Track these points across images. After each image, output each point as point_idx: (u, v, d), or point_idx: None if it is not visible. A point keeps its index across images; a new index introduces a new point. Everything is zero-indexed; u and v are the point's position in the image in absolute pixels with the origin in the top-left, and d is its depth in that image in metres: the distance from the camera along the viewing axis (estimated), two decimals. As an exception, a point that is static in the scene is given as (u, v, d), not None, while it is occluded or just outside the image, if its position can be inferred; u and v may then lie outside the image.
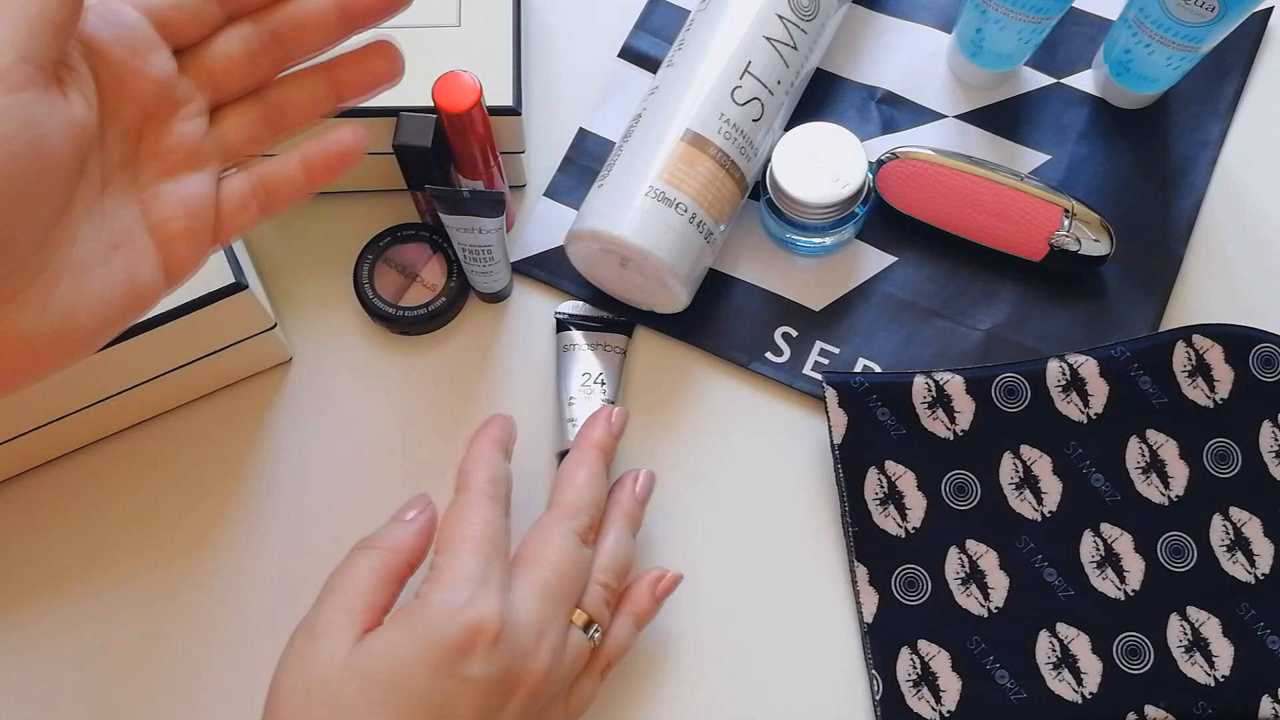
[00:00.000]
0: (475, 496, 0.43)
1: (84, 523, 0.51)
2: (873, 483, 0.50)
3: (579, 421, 0.51)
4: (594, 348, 0.52)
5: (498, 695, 0.39)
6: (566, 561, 0.43)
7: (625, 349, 0.53)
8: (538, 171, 0.57)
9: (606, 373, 0.52)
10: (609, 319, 0.53)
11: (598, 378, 0.51)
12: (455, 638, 0.38)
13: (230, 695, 0.49)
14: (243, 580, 0.50)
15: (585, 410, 0.51)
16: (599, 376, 0.52)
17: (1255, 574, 0.48)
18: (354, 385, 0.53)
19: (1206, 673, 0.47)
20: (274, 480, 0.52)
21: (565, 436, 0.51)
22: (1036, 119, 0.57)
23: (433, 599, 0.39)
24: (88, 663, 0.49)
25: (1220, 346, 0.50)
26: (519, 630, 0.40)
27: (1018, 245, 0.53)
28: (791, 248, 0.54)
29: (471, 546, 0.41)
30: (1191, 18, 0.49)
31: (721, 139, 0.50)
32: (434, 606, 0.39)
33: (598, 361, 0.52)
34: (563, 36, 0.59)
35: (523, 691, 0.40)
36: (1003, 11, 0.51)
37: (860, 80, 0.58)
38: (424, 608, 0.39)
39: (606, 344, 0.52)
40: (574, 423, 0.51)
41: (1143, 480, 0.50)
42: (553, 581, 0.42)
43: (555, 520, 0.44)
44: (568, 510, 0.45)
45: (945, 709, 0.47)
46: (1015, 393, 0.50)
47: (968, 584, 0.49)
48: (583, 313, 0.54)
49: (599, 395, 0.51)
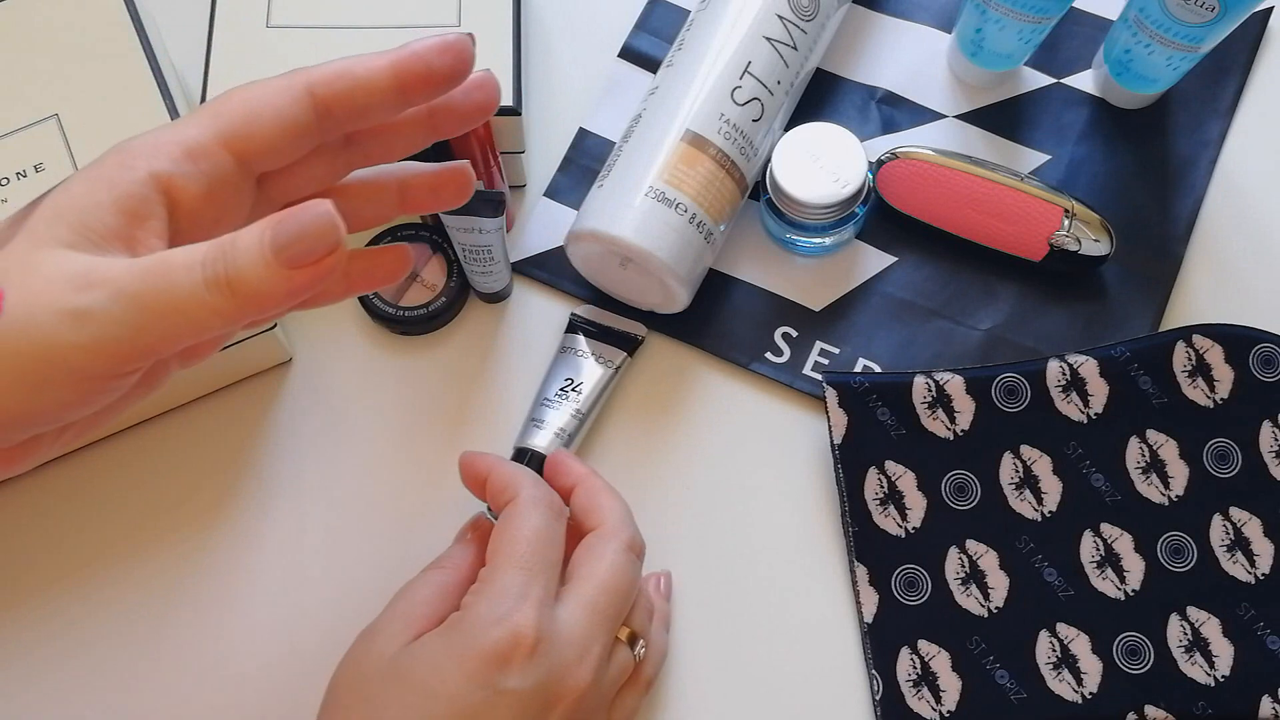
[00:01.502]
0: (526, 505, 0.43)
1: (84, 522, 0.51)
2: (873, 483, 0.50)
3: (545, 424, 0.50)
4: (589, 356, 0.52)
5: (535, 709, 0.39)
6: (617, 578, 0.42)
7: (621, 365, 0.52)
8: (538, 171, 0.57)
9: (588, 383, 0.51)
10: (618, 332, 0.53)
11: (576, 385, 0.51)
12: (491, 648, 0.39)
13: (230, 695, 0.49)
14: (242, 580, 0.50)
15: (555, 415, 0.50)
16: (578, 385, 0.51)
17: (1255, 574, 0.48)
18: (354, 385, 0.53)
19: (1206, 673, 0.47)
20: (274, 480, 0.52)
21: (529, 436, 0.50)
22: (1036, 119, 0.57)
23: (474, 610, 0.40)
24: (87, 662, 0.49)
25: (1220, 346, 0.50)
26: (560, 644, 0.40)
27: (1018, 245, 0.53)
28: (791, 248, 0.54)
29: (516, 560, 0.41)
30: (1191, 18, 0.49)
31: (721, 139, 0.50)
32: (474, 617, 0.40)
33: (585, 370, 0.51)
34: (563, 36, 0.59)
35: (562, 707, 0.40)
36: (1003, 11, 0.52)
37: (860, 80, 0.58)
38: (464, 618, 0.40)
39: (603, 356, 0.52)
40: (538, 423, 0.50)
41: (1143, 480, 0.50)
42: (602, 600, 0.42)
43: (603, 538, 0.44)
44: (613, 528, 0.44)
45: (945, 709, 0.47)
46: (1015, 393, 0.50)
47: (968, 584, 0.49)
48: (594, 320, 0.53)
49: (570, 405, 0.51)
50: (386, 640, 0.41)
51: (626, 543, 0.44)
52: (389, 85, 0.33)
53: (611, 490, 0.46)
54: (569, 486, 0.46)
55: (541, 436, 0.50)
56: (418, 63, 0.33)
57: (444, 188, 0.38)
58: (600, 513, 0.45)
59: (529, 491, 0.43)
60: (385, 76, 0.33)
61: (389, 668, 0.40)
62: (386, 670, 0.40)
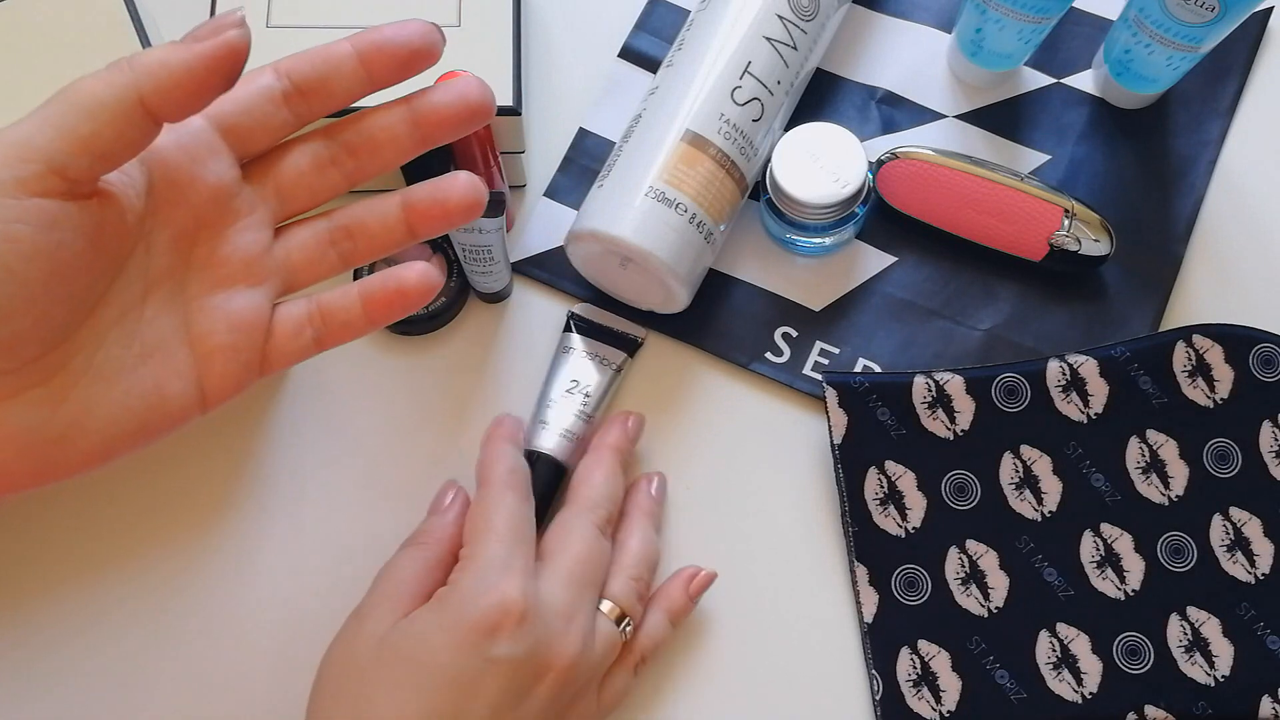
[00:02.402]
0: (497, 488, 0.45)
1: (83, 522, 0.51)
2: (873, 483, 0.50)
3: (550, 425, 0.50)
4: (590, 357, 0.52)
5: (525, 678, 0.40)
6: (588, 550, 0.44)
7: (622, 366, 0.52)
8: (538, 171, 0.57)
9: (593, 385, 0.51)
10: (617, 332, 0.53)
11: (582, 388, 0.51)
12: (481, 618, 0.40)
13: (230, 694, 0.49)
14: (242, 580, 0.50)
15: (559, 416, 0.50)
16: (584, 387, 0.51)
17: (1255, 574, 0.48)
18: (354, 385, 0.53)
19: (1206, 673, 0.47)
20: (274, 480, 0.52)
21: (535, 437, 0.50)
22: (1036, 119, 0.57)
23: (461, 584, 0.41)
24: (86, 662, 0.49)
25: (1220, 346, 0.50)
26: (546, 614, 0.41)
27: (1018, 245, 0.53)
28: (791, 248, 0.54)
29: (496, 535, 0.43)
30: (1191, 18, 0.49)
31: (721, 139, 0.50)
32: (461, 590, 0.41)
33: (588, 371, 0.51)
34: (563, 36, 0.59)
35: (552, 676, 0.41)
36: (1003, 11, 0.52)
37: (860, 80, 0.58)
38: (452, 592, 0.41)
39: (603, 356, 0.52)
40: (545, 425, 0.50)
41: (1143, 480, 0.50)
42: (576, 569, 0.43)
43: (574, 514, 0.46)
44: (586, 504, 0.46)
45: (945, 709, 0.47)
46: (1015, 393, 0.50)
47: (968, 584, 0.49)
48: (593, 319, 0.53)
49: (577, 406, 0.51)
50: (376, 621, 0.41)
51: (596, 520, 0.46)
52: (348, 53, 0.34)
53: (609, 466, 0.48)
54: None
55: (548, 437, 0.50)
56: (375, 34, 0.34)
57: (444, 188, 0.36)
58: (579, 488, 0.47)
59: (501, 476, 0.45)
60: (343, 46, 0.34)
61: (379, 646, 0.40)
62: (376, 649, 0.40)
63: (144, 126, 0.30)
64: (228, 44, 0.30)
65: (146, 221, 0.33)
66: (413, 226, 0.36)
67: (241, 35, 0.31)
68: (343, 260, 0.37)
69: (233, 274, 0.34)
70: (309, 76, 0.34)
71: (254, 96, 0.34)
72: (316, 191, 0.36)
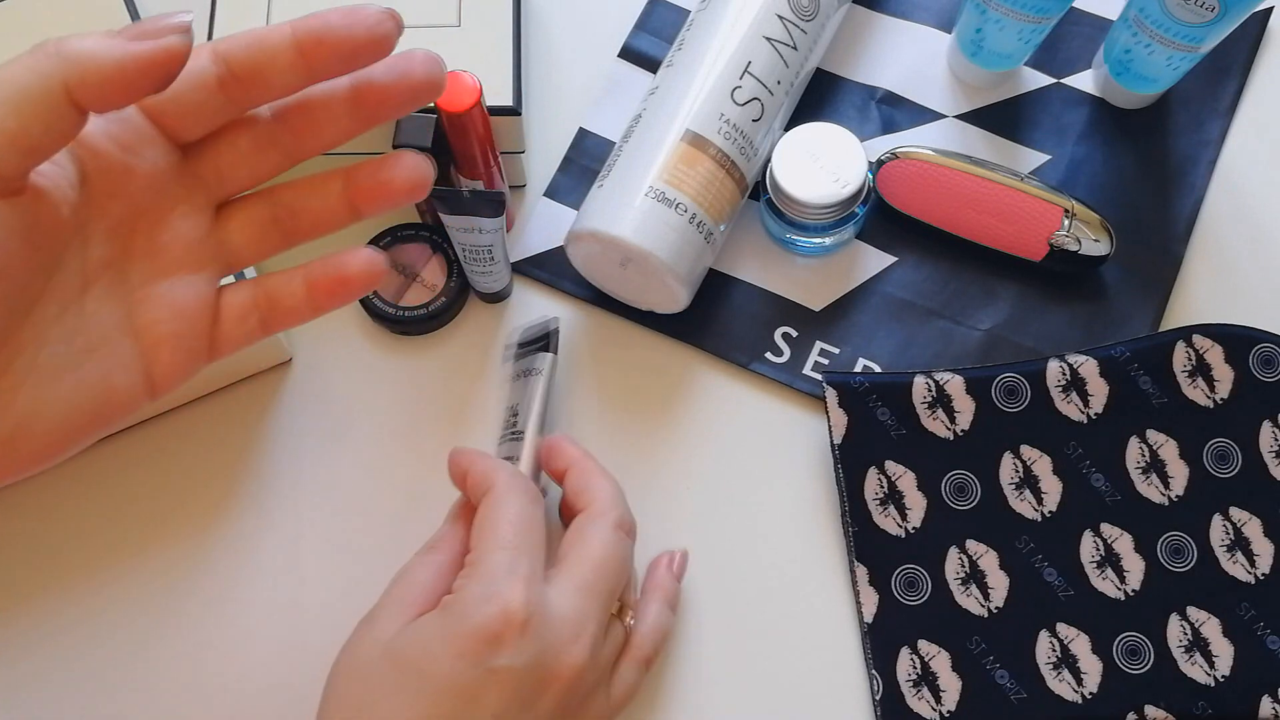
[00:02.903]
0: (502, 493, 0.43)
1: (83, 522, 0.51)
2: (873, 483, 0.50)
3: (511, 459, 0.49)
4: (516, 379, 0.51)
5: (529, 688, 0.39)
6: (605, 554, 0.43)
7: (548, 369, 0.50)
8: (538, 171, 0.57)
9: (522, 404, 0.49)
10: (530, 341, 0.51)
11: (512, 412, 0.50)
12: (482, 626, 0.39)
13: (229, 694, 0.49)
14: (242, 580, 0.50)
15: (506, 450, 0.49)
16: (513, 409, 0.50)
17: (1255, 574, 0.48)
18: (354, 385, 0.53)
19: (1206, 673, 0.47)
20: (273, 480, 0.52)
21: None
22: (1036, 119, 0.57)
23: (464, 591, 0.40)
24: (85, 662, 0.49)
25: (1220, 346, 0.50)
26: (553, 623, 0.40)
27: (1018, 245, 0.53)
28: (791, 248, 0.54)
29: (501, 542, 0.42)
30: (1191, 18, 0.49)
31: (721, 139, 0.50)
32: (464, 597, 0.40)
33: (515, 394, 0.50)
34: (563, 36, 0.59)
35: (558, 686, 0.40)
36: (1003, 11, 0.52)
37: (860, 80, 0.58)
38: (455, 600, 0.40)
39: (527, 370, 0.50)
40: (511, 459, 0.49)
41: (1143, 480, 0.50)
42: (593, 579, 0.42)
43: (590, 518, 0.45)
44: (601, 508, 0.45)
45: (945, 709, 0.47)
46: (1015, 393, 0.50)
47: (968, 584, 0.49)
48: (517, 339, 0.52)
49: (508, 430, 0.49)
50: (384, 625, 0.41)
51: (615, 522, 0.44)
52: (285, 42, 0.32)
53: (603, 472, 0.47)
54: (563, 470, 0.47)
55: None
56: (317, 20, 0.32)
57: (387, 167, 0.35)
58: (590, 494, 0.46)
59: (505, 480, 0.44)
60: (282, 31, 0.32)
61: (384, 652, 0.40)
62: (381, 655, 0.40)
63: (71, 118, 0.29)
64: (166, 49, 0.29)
65: (81, 213, 0.31)
66: (355, 205, 0.35)
67: (183, 41, 0.29)
68: (285, 239, 0.36)
69: (175, 261, 0.33)
70: (244, 64, 0.32)
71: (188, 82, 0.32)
72: (257, 171, 0.35)
